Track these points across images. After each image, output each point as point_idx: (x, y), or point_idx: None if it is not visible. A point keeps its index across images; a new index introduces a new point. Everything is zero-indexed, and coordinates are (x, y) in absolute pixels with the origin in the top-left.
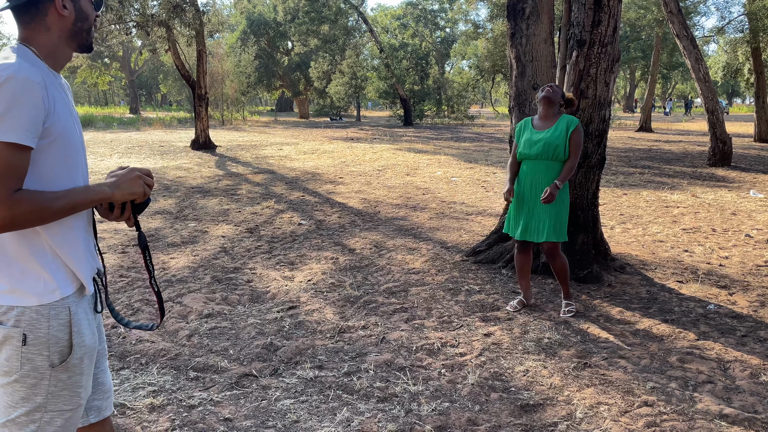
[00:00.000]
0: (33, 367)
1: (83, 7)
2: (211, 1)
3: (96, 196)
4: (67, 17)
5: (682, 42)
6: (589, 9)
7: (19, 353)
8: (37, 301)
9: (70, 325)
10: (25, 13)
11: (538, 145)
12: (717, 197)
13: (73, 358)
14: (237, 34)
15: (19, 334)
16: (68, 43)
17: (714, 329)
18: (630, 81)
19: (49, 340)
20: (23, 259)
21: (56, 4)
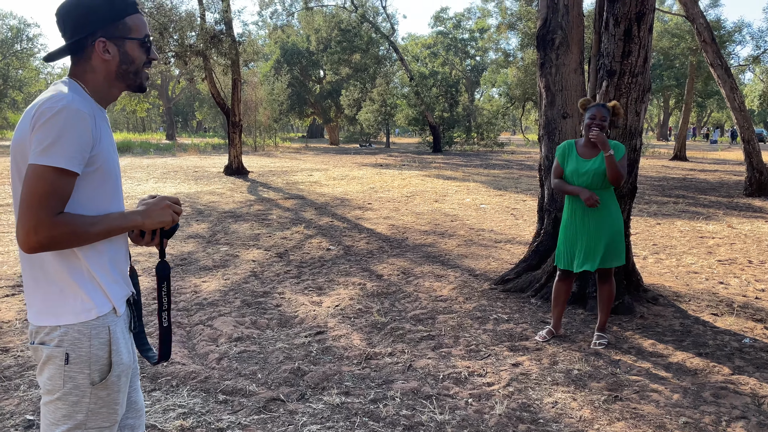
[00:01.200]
0: (75, 385)
1: (129, 51)
2: (246, 32)
3: (129, 223)
4: (111, 61)
5: (716, 71)
6: (619, 40)
7: (62, 372)
8: (75, 319)
9: (110, 344)
10: (74, 54)
11: (586, 177)
12: (754, 228)
13: (112, 376)
14: (271, 63)
15: (62, 354)
16: (115, 84)
17: (749, 363)
18: (664, 109)
19: (90, 359)
20: (61, 279)
21: (97, 50)
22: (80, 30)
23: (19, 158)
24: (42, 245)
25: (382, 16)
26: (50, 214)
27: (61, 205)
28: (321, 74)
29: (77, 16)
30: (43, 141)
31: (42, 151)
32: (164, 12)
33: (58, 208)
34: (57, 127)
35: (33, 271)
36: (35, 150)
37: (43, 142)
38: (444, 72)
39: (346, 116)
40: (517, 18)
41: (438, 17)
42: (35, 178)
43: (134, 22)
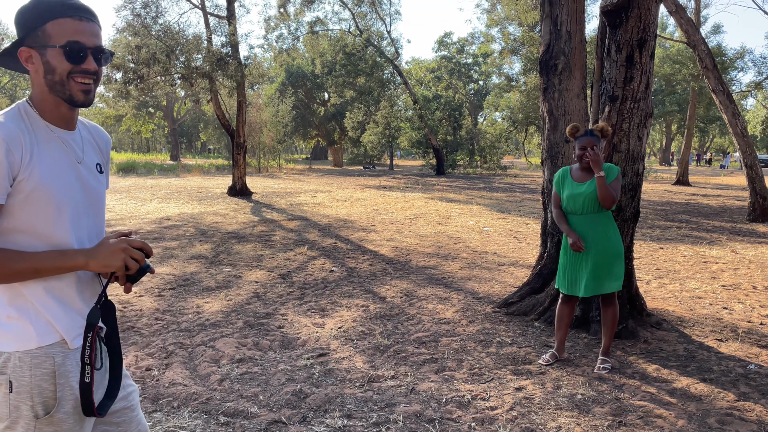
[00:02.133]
0: (19, 415)
1: (50, 60)
2: (252, 55)
3: (67, 263)
4: (38, 71)
5: (718, 97)
6: (621, 66)
7: (8, 400)
8: (16, 347)
9: (55, 377)
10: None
11: (581, 200)
12: (758, 254)
13: (59, 412)
14: (276, 85)
15: (6, 381)
16: (53, 98)
17: (754, 390)
18: (666, 134)
19: (32, 390)
20: (3, 306)
21: (22, 61)
22: (19, 34)
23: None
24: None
25: (387, 40)
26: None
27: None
28: (325, 97)
29: (17, 21)
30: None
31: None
32: (171, 35)
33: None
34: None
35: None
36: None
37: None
38: (447, 96)
39: (350, 138)
40: (520, 44)
41: (442, 42)
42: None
43: (56, 28)
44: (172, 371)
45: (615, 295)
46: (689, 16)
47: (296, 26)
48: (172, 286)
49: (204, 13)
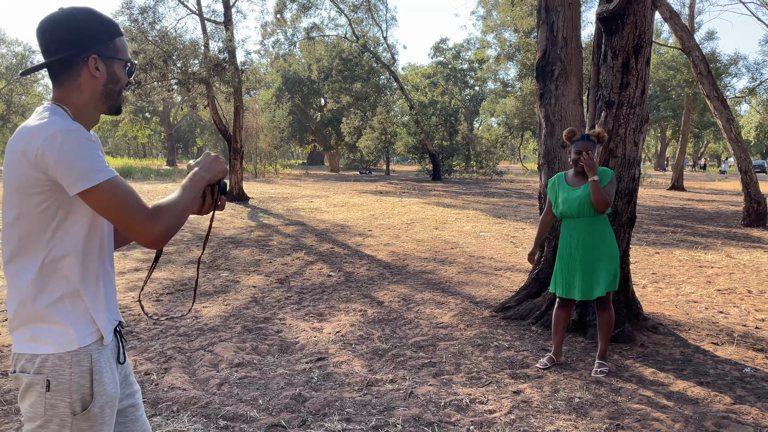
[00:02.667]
0: (56, 413)
1: (116, 71)
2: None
3: (200, 182)
4: (99, 78)
5: (712, 103)
6: (617, 72)
7: (43, 399)
8: (55, 349)
9: (92, 373)
10: (60, 72)
11: (576, 203)
12: (752, 258)
13: (95, 407)
14: (272, 90)
15: (43, 381)
16: (98, 105)
17: (750, 393)
18: (661, 140)
19: (71, 387)
20: (43, 311)
21: (89, 66)
22: (71, 46)
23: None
24: (164, 233)
25: (383, 46)
26: (144, 208)
27: (140, 199)
28: (322, 102)
29: (68, 31)
30: (73, 169)
31: (82, 178)
32: (168, 40)
33: (143, 202)
34: (72, 149)
35: (21, 297)
36: (71, 182)
37: (75, 170)
38: (443, 101)
39: (346, 144)
40: (516, 49)
41: (438, 48)
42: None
43: (121, 44)
44: (171, 375)
45: (610, 299)
46: (683, 22)
47: (293, 32)
48: (170, 291)
49: (201, 18)
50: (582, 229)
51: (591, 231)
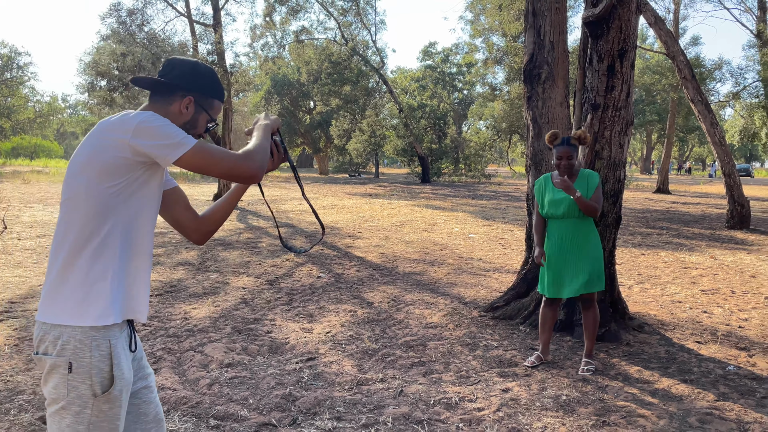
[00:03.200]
0: (78, 395)
1: (199, 119)
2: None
3: (266, 129)
4: (183, 116)
5: (696, 107)
6: (602, 75)
7: (66, 381)
8: (93, 322)
9: (111, 358)
10: (160, 93)
11: (563, 205)
12: (736, 259)
13: (115, 390)
14: (262, 93)
15: (66, 363)
16: None
17: (733, 390)
18: (647, 143)
19: (92, 370)
20: (90, 282)
21: (182, 102)
22: (183, 82)
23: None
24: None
25: (372, 49)
26: (235, 155)
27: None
28: (311, 105)
29: (189, 73)
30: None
31: (175, 146)
32: (157, 42)
33: (232, 151)
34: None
35: (64, 271)
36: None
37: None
38: (432, 104)
39: (335, 146)
40: (504, 53)
41: (426, 52)
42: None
43: (217, 106)
44: (160, 376)
45: (595, 299)
46: (668, 27)
47: (282, 35)
48: (158, 293)
49: (190, 21)
50: (567, 230)
51: (576, 232)
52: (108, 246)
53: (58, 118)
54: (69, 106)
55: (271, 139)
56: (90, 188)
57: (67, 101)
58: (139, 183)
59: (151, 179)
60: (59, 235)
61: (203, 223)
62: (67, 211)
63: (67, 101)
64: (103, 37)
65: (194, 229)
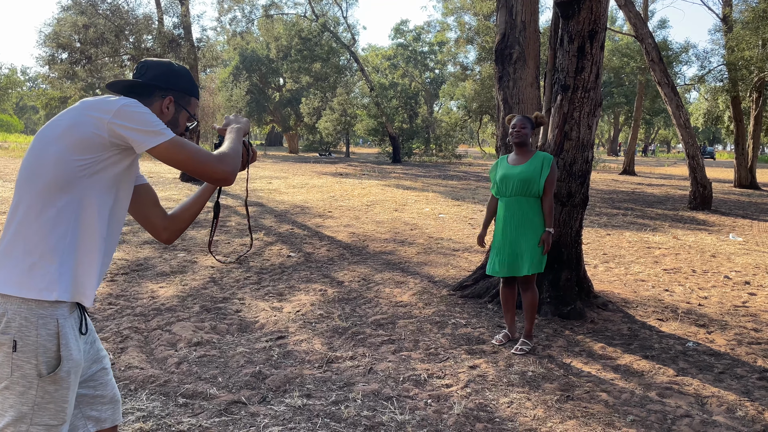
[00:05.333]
0: (22, 374)
1: (179, 118)
2: (205, 37)
3: (239, 132)
4: (165, 115)
5: (663, 89)
6: (572, 56)
7: (10, 359)
8: (36, 295)
9: (58, 337)
10: (139, 94)
11: (513, 181)
12: (697, 240)
13: (61, 371)
14: (230, 69)
15: (10, 341)
16: None
17: (692, 366)
18: (614, 125)
19: (37, 349)
20: (39, 252)
21: (163, 102)
22: (161, 82)
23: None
24: (233, 170)
25: (343, 26)
26: (209, 155)
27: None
28: (281, 82)
29: (166, 73)
30: (146, 127)
31: (153, 134)
32: (120, 14)
33: (207, 151)
34: (140, 113)
35: (14, 238)
36: (145, 137)
37: (148, 128)
38: (404, 84)
39: (305, 125)
40: (475, 33)
41: (398, 29)
42: (174, 151)
43: (195, 104)
44: (127, 355)
45: (533, 281)
46: (637, 10)
47: (250, 9)
48: (125, 272)
49: None
50: (514, 208)
51: (521, 210)
52: (62, 219)
53: (18, 92)
54: (29, 79)
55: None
56: (59, 158)
57: (27, 74)
58: (106, 164)
59: (119, 163)
60: (15, 202)
61: (173, 221)
62: (28, 178)
63: (27, 74)
64: (63, 8)
65: (164, 227)
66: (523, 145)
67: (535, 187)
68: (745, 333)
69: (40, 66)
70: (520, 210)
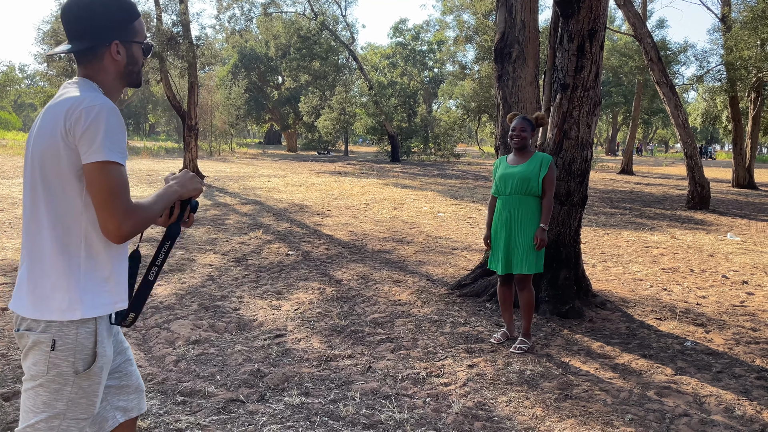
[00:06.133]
0: (58, 372)
1: (134, 53)
2: (204, 35)
3: (173, 196)
4: (120, 62)
5: (662, 89)
6: (572, 55)
7: (47, 358)
8: (59, 317)
9: (96, 335)
10: (84, 56)
11: (512, 180)
12: (695, 239)
13: (96, 367)
14: (228, 67)
15: (49, 340)
16: (121, 82)
17: (690, 365)
18: (612, 125)
19: (76, 347)
20: (57, 276)
21: (111, 51)
22: (99, 35)
23: (48, 162)
24: (131, 232)
25: (342, 24)
26: (128, 203)
27: (129, 194)
28: (279, 80)
29: (92, 19)
30: (95, 139)
31: (98, 149)
32: None
33: (129, 199)
34: (104, 124)
35: (32, 265)
36: (90, 148)
37: (96, 140)
38: (403, 82)
39: (304, 123)
40: (474, 31)
41: (397, 28)
42: (104, 174)
43: (140, 26)
44: None
45: (530, 280)
46: (636, 9)
47: (249, 7)
48: None
49: None
50: (513, 207)
51: (521, 209)
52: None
53: (16, 89)
54: (27, 76)
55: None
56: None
57: (25, 71)
58: None
59: None
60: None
61: None
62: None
63: (25, 71)
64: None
65: None
66: (523, 149)
67: (533, 186)
68: (743, 332)
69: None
70: (517, 208)
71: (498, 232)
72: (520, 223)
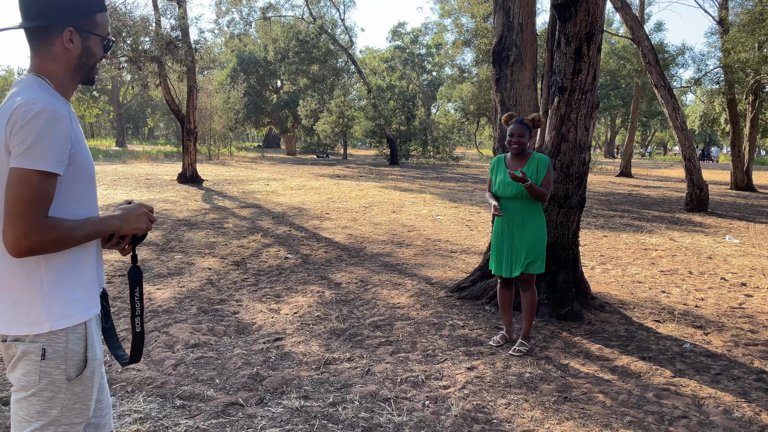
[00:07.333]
0: (50, 380)
1: (91, 45)
2: (202, 39)
3: (107, 228)
4: (72, 51)
5: (659, 92)
6: (570, 58)
7: (38, 367)
8: (27, 331)
9: (86, 339)
10: (35, 38)
11: (512, 186)
12: (694, 241)
13: (87, 371)
14: (227, 71)
15: (39, 349)
16: (73, 75)
17: (689, 367)
18: (611, 128)
19: (67, 354)
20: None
21: (63, 37)
22: (51, 15)
23: None
24: (32, 250)
25: (341, 28)
26: (40, 218)
27: (47, 209)
28: (278, 84)
29: (52, 1)
30: (23, 144)
31: (24, 154)
32: (118, 16)
33: (46, 212)
34: (37, 129)
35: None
36: (16, 153)
37: (24, 145)
38: (401, 86)
39: (303, 127)
40: (473, 35)
41: (396, 32)
42: (20, 182)
43: (101, 20)
44: None
45: (533, 281)
46: (634, 12)
47: (248, 11)
48: (121, 273)
49: None
50: (515, 210)
51: (523, 212)
52: None
53: None
54: None
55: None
56: None
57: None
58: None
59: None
60: None
61: None
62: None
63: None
64: None
65: None
66: (522, 153)
67: None
68: (741, 334)
69: None
70: (521, 212)
71: (500, 235)
72: (522, 226)
